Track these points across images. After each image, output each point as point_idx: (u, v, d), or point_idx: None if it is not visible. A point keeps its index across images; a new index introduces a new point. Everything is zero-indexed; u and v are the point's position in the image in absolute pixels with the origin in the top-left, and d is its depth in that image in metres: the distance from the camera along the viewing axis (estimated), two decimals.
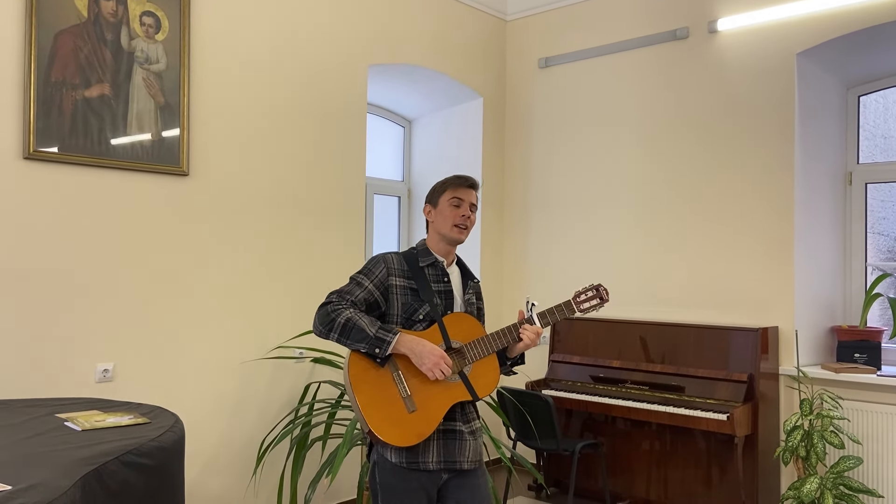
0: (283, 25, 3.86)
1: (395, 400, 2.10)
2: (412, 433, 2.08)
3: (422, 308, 2.21)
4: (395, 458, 2.14)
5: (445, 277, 2.28)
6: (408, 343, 2.10)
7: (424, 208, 2.34)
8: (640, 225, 4.54)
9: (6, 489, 1.55)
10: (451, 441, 2.19)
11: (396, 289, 2.22)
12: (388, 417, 2.08)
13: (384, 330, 2.10)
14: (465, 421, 2.24)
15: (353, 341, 2.10)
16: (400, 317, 2.22)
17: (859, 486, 3.47)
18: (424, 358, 2.09)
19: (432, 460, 2.15)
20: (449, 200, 2.26)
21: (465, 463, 2.21)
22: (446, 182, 2.30)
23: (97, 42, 3.15)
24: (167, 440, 2.12)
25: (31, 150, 2.94)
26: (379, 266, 2.23)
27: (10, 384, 2.93)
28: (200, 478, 3.53)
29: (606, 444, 4.30)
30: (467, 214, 2.26)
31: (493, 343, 2.20)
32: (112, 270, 3.22)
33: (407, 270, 2.24)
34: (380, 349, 2.09)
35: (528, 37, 5.12)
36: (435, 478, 2.18)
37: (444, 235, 2.27)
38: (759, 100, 4.09)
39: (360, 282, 2.21)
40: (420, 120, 5.40)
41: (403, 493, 2.14)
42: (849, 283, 4.32)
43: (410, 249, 2.32)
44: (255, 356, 3.75)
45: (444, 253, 2.31)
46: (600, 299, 2.30)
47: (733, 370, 3.83)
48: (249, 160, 3.72)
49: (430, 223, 2.32)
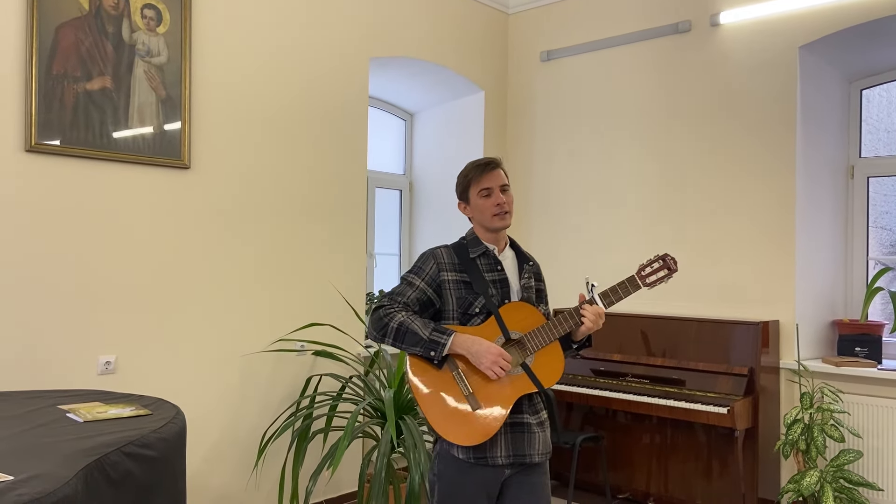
0: (284, 18, 3.85)
1: (458, 399, 2.05)
2: (478, 431, 2.03)
3: (477, 301, 2.14)
4: (461, 455, 2.08)
5: (498, 266, 2.21)
6: (463, 343, 2.05)
7: (459, 206, 2.26)
8: (641, 218, 4.54)
9: (8, 479, 1.56)
10: (519, 434, 2.12)
11: (449, 284, 2.16)
12: (452, 417, 2.03)
13: (438, 332, 2.05)
14: (532, 412, 2.17)
15: (408, 345, 2.06)
16: (456, 312, 2.15)
17: (859, 479, 3.48)
18: (481, 357, 2.03)
19: (500, 454, 2.09)
20: (478, 193, 2.19)
21: (535, 456, 2.14)
22: (468, 175, 2.22)
23: (98, 35, 3.15)
24: (169, 431, 2.13)
25: (33, 142, 2.95)
26: (429, 262, 2.17)
27: (14, 376, 2.94)
28: (202, 469, 3.54)
29: (607, 437, 4.31)
30: (502, 201, 2.17)
31: (554, 330, 2.11)
32: (114, 263, 3.23)
33: (458, 263, 2.18)
34: (434, 352, 2.04)
35: (530, 30, 5.11)
36: (499, 473, 2.11)
37: (486, 227, 2.20)
38: (760, 93, 4.08)
39: (412, 281, 2.16)
40: (421, 113, 5.40)
41: (462, 488, 2.08)
42: (850, 276, 4.32)
43: (461, 240, 2.25)
44: (257, 349, 3.76)
45: (494, 240, 2.23)
46: (668, 270, 2.15)
47: (734, 364, 3.83)
48: (251, 153, 3.72)
49: (471, 218, 2.25)
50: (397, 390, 3.59)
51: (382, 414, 3.59)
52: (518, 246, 2.32)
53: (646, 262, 2.17)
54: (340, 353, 3.98)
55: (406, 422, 3.36)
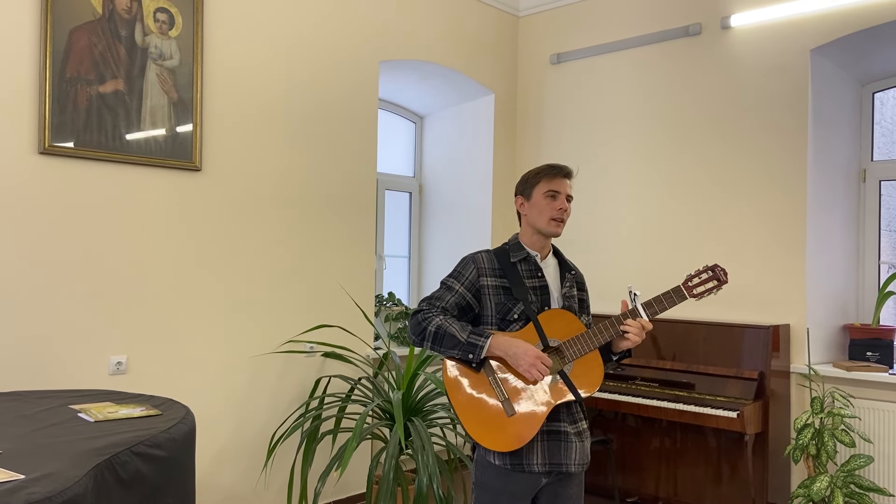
0: (295, 21, 3.87)
1: (493, 405, 2.04)
2: (513, 437, 2.01)
3: (516, 307, 2.12)
4: (498, 461, 2.08)
5: (539, 272, 2.18)
6: (502, 345, 2.03)
7: (516, 200, 2.23)
8: (651, 221, 4.53)
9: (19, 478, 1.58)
10: (555, 442, 2.10)
11: (488, 289, 2.14)
12: (486, 422, 2.02)
13: (476, 334, 2.04)
14: (570, 421, 2.14)
15: (446, 349, 2.05)
16: (494, 317, 2.13)
17: (870, 484, 3.45)
18: (520, 359, 2.00)
19: (537, 462, 2.07)
20: (544, 193, 2.16)
21: (571, 465, 2.12)
22: (540, 172, 2.19)
23: (111, 38, 3.18)
24: (178, 432, 2.15)
25: (47, 145, 2.98)
26: (469, 267, 2.16)
27: (26, 376, 2.97)
28: (211, 469, 3.56)
29: (616, 440, 4.30)
30: (564, 207, 2.17)
31: (594, 339, 2.08)
32: (126, 264, 3.25)
33: (498, 268, 2.15)
34: (473, 354, 2.02)
35: (540, 33, 5.11)
36: (535, 480, 2.10)
37: (539, 229, 2.18)
38: (772, 96, 4.06)
39: (451, 286, 2.14)
40: (431, 116, 5.41)
41: (498, 495, 2.08)
42: (862, 280, 4.29)
43: (503, 245, 2.23)
44: (267, 350, 3.78)
45: (539, 247, 2.21)
46: (717, 281, 2.08)
47: (744, 368, 3.82)
48: (261, 155, 3.74)
49: (524, 216, 2.22)
50: (406, 392, 3.59)
51: (391, 416, 3.60)
52: (562, 254, 2.30)
53: (694, 273, 2.11)
54: (349, 355, 3.99)
55: (414, 424, 3.36)
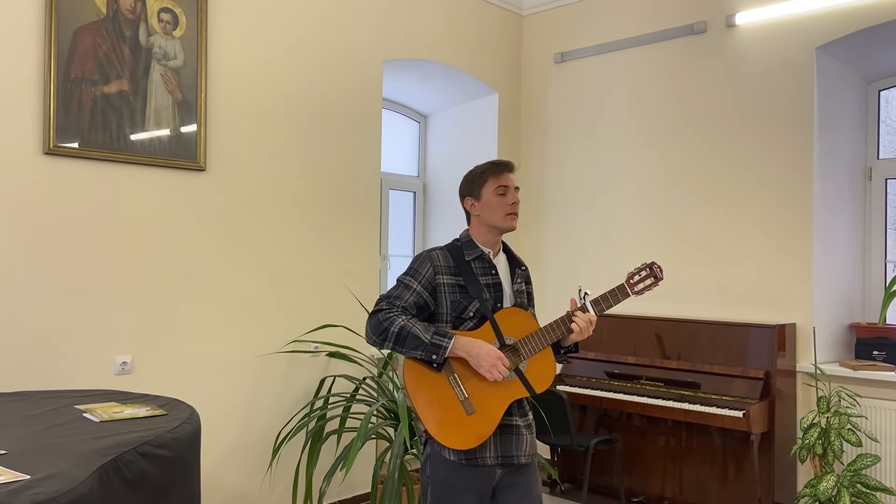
0: (298, 21, 3.87)
1: (453, 403, 2.08)
2: (473, 435, 2.07)
3: (471, 305, 2.15)
4: (452, 457, 2.12)
5: (493, 270, 2.22)
6: (464, 346, 2.06)
7: (465, 202, 2.25)
8: (656, 221, 4.52)
9: (25, 478, 1.58)
10: (508, 436, 2.16)
11: (444, 287, 2.17)
12: (447, 422, 2.06)
13: (439, 335, 2.06)
14: (521, 415, 2.21)
15: (409, 349, 2.07)
16: (450, 315, 2.16)
17: (876, 484, 3.44)
18: (482, 360, 2.05)
19: (490, 455, 2.13)
20: (494, 190, 2.19)
21: (522, 457, 2.18)
22: (485, 171, 2.22)
23: (116, 38, 3.18)
24: (183, 432, 2.15)
25: (51, 145, 2.98)
26: (425, 265, 2.17)
27: (31, 376, 2.98)
28: (216, 469, 3.56)
29: (621, 440, 4.29)
30: (516, 200, 2.20)
31: (547, 336, 2.15)
32: (130, 264, 3.26)
33: (453, 266, 2.18)
34: (437, 355, 2.05)
35: (544, 31, 5.10)
36: (490, 473, 2.15)
37: (494, 226, 2.21)
38: (777, 95, 4.05)
39: (409, 284, 2.15)
40: (435, 115, 5.40)
41: (455, 490, 2.12)
42: (868, 279, 4.27)
43: (454, 242, 2.25)
44: (271, 350, 3.78)
45: (491, 244, 2.24)
46: (654, 278, 2.20)
47: (750, 367, 3.80)
48: (265, 155, 3.74)
49: (475, 216, 2.24)
50: None
51: (396, 415, 3.60)
52: (511, 250, 2.34)
53: (634, 270, 2.22)
54: (354, 355, 3.99)
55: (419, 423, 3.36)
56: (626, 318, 4.35)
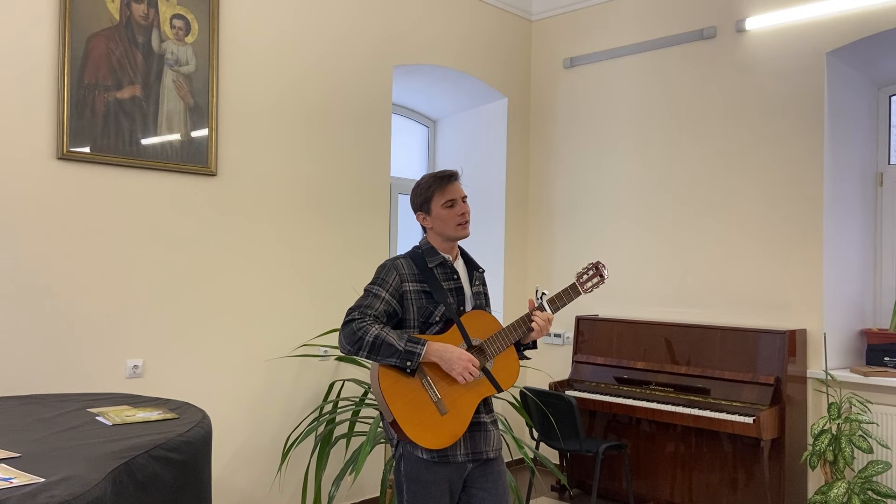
0: (309, 27, 3.90)
1: (426, 405, 2.17)
2: (447, 434, 2.16)
3: (437, 309, 2.25)
4: (425, 455, 2.19)
5: (455, 275, 2.33)
6: (436, 351, 2.15)
7: (418, 216, 2.34)
8: (666, 225, 4.51)
9: (39, 481, 1.59)
10: (477, 433, 2.26)
11: (411, 294, 2.25)
12: (422, 423, 2.14)
13: (412, 342, 2.14)
14: (487, 412, 2.32)
15: (384, 357, 2.14)
16: (417, 321, 2.25)
17: (888, 491, 3.42)
18: (454, 363, 2.15)
19: (460, 452, 2.22)
20: (442, 204, 2.28)
21: (490, 451, 2.29)
22: (431, 186, 2.30)
23: (129, 45, 3.21)
24: (195, 435, 2.16)
25: (65, 150, 3.01)
26: (391, 274, 2.25)
27: (45, 380, 3.00)
28: (227, 472, 3.58)
29: (631, 445, 4.28)
30: (465, 210, 2.30)
31: (510, 336, 2.28)
32: (142, 268, 3.28)
33: (417, 273, 2.27)
34: (411, 362, 2.13)
35: (553, 37, 5.11)
36: (461, 469, 2.24)
37: (448, 237, 2.31)
38: (787, 100, 4.04)
39: (377, 293, 2.23)
40: (444, 120, 5.42)
41: (429, 486, 2.20)
42: (879, 285, 4.25)
43: (415, 249, 2.34)
44: (281, 354, 3.80)
45: (449, 250, 2.35)
46: (600, 276, 2.40)
47: (760, 373, 3.79)
48: (276, 160, 3.76)
49: (429, 228, 2.33)
50: None
51: None
52: (467, 254, 2.44)
53: (582, 270, 2.41)
54: (363, 360, 4.00)
55: None
56: (636, 323, 4.35)
